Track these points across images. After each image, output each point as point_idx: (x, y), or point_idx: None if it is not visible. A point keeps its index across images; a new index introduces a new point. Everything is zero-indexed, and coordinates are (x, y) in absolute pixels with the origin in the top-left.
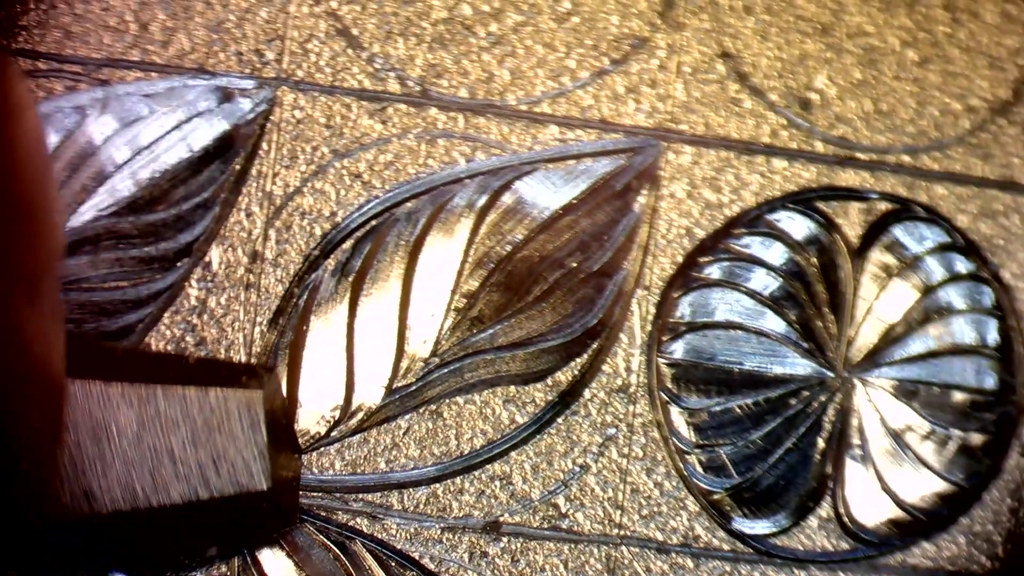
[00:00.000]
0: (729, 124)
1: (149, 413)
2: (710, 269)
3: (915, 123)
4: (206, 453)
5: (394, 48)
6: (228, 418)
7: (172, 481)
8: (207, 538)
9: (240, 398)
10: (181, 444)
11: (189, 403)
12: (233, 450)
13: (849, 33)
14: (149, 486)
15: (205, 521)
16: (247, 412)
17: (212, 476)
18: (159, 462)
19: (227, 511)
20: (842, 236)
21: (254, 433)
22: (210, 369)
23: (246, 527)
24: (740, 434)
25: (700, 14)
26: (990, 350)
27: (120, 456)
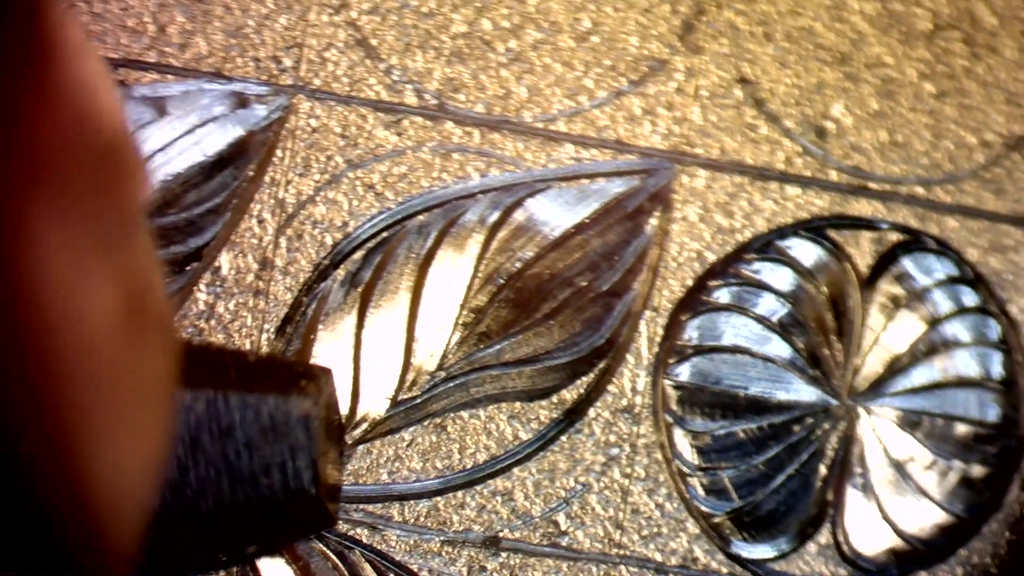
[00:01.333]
0: (744, 149)
1: (207, 417)
2: (719, 293)
3: (929, 155)
4: (259, 459)
5: (412, 60)
6: (284, 425)
7: (222, 485)
8: (250, 538)
9: (297, 406)
10: (235, 450)
11: (247, 409)
12: (287, 457)
13: (867, 63)
14: (198, 490)
15: (251, 523)
16: (303, 420)
17: (263, 481)
18: (211, 466)
19: (273, 514)
20: (852, 265)
21: (308, 441)
22: (269, 370)
23: (290, 528)
24: (743, 458)
25: (720, 38)
26: (994, 383)
27: (174, 460)
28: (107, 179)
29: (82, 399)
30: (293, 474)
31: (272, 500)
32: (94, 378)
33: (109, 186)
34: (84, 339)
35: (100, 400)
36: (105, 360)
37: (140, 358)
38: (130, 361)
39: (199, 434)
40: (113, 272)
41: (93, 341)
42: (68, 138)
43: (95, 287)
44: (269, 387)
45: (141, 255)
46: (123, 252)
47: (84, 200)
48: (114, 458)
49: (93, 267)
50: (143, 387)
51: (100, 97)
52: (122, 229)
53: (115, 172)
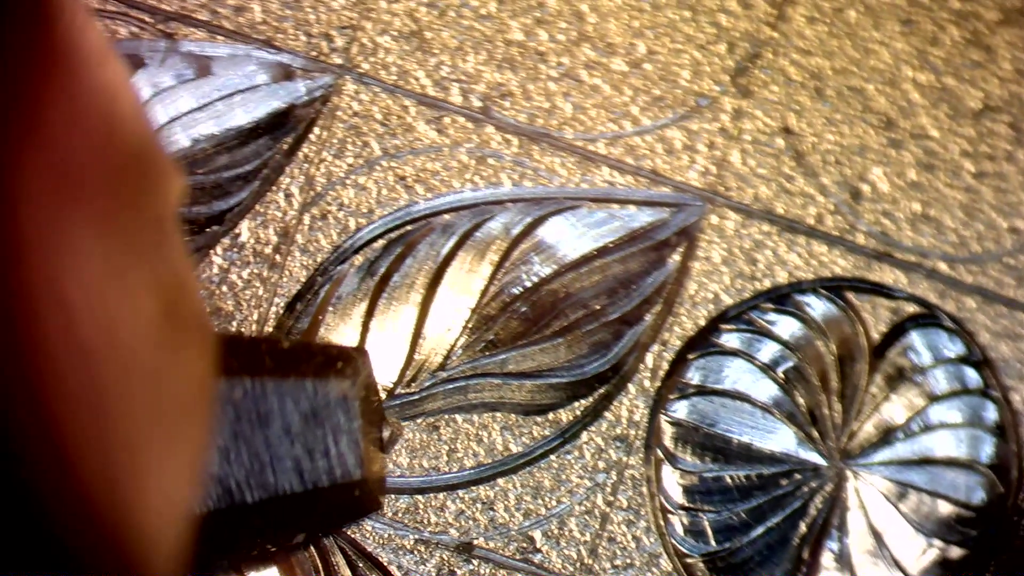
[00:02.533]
0: (777, 199)
1: (245, 406)
2: (729, 337)
3: (959, 233)
4: (301, 445)
5: (463, 60)
6: (324, 409)
7: (267, 474)
8: (296, 526)
9: (335, 388)
10: (277, 437)
11: (285, 396)
12: (329, 441)
13: (912, 133)
14: (244, 482)
15: (297, 511)
16: (343, 402)
17: (307, 468)
18: (253, 456)
19: (319, 500)
20: (865, 330)
21: (349, 422)
22: (304, 354)
23: (336, 514)
24: (726, 504)
25: (771, 85)
26: (983, 467)
27: (216, 451)
28: (136, 185)
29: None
30: (337, 458)
31: (317, 486)
32: (136, 393)
33: (138, 192)
34: (123, 352)
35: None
36: (146, 372)
37: (180, 364)
38: (171, 369)
39: (239, 424)
40: (149, 279)
41: (132, 352)
42: (94, 147)
43: (131, 296)
44: (305, 372)
45: (176, 258)
46: (157, 257)
47: (114, 208)
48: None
49: (128, 276)
50: (185, 395)
51: (123, 102)
52: (155, 234)
53: (144, 177)
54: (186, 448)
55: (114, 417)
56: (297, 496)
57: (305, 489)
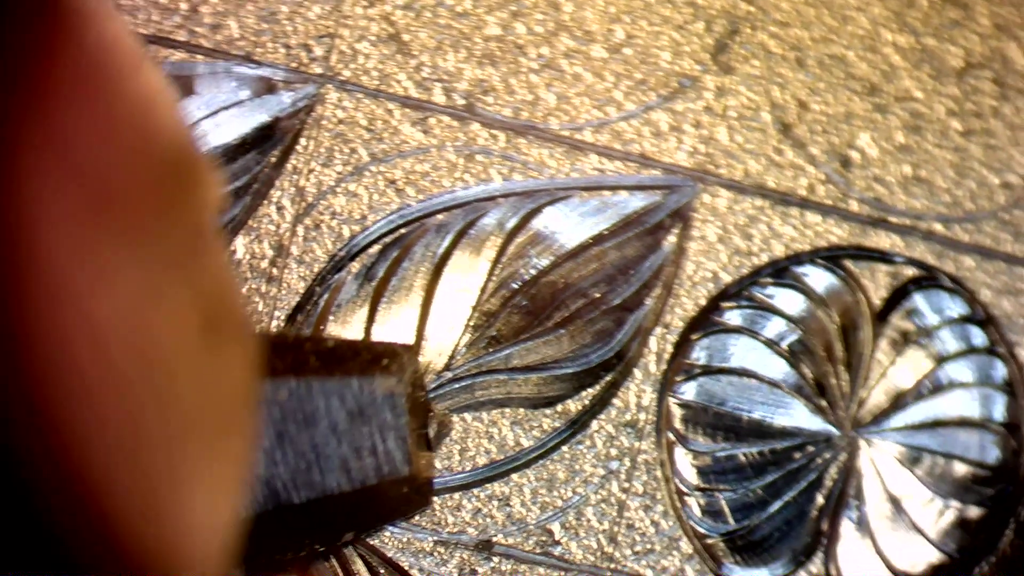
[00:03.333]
0: (768, 173)
1: (291, 406)
2: (731, 315)
3: (951, 193)
4: (348, 444)
5: (443, 59)
6: (370, 407)
7: (314, 474)
8: (345, 525)
9: (382, 385)
10: (323, 436)
11: (331, 394)
12: (376, 439)
13: (897, 96)
14: (290, 483)
15: (344, 510)
16: (389, 399)
17: (354, 466)
18: (299, 456)
19: (367, 499)
20: (866, 297)
21: (396, 419)
22: (349, 352)
23: (384, 511)
24: (741, 482)
25: (752, 60)
26: (996, 426)
27: (262, 453)
28: (173, 194)
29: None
30: (384, 455)
31: (365, 484)
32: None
33: (176, 201)
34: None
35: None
36: (184, 388)
37: (220, 376)
38: (210, 382)
39: (285, 425)
40: (187, 291)
41: (170, 370)
42: (127, 159)
43: (169, 312)
44: (351, 370)
45: (215, 267)
46: (197, 268)
47: (150, 221)
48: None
49: (165, 291)
50: (225, 408)
51: (158, 110)
52: (194, 243)
53: (181, 186)
54: (228, 462)
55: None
56: (344, 495)
57: (352, 488)
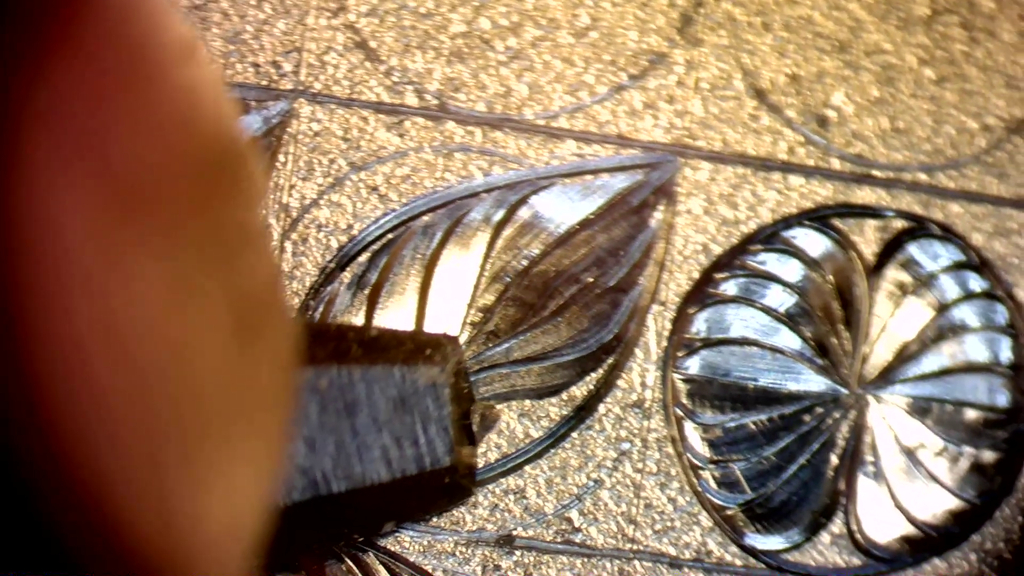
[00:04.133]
0: (746, 141)
1: (332, 395)
2: (726, 285)
3: (931, 141)
4: (389, 433)
5: (412, 61)
6: (412, 396)
7: (354, 464)
8: (386, 515)
9: (424, 375)
10: (365, 425)
11: (373, 383)
12: (418, 429)
13: (867, 51)
14: (331, 472)
15: (385, 500)
16: (432, 389)
17: (395, 456)
18: (340, 446)
19: (408, 489)
20: (858, 253)
21: (439, 409)
22: (392, 342)
23: (426, 502)
24: (754, 450)
25: (718, 30)
26: (1003, 368)
27: (303, 441)
28: (213, 192)
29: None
30: (426, 445)
31: (406, 474)
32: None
33: (216, 199)
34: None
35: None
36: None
37: (251, 379)
38: (240, 384)
39: (325, 413)
40: (222, 291)
41: (196, 369)
42: (166, 154)
43: (200, 311)
44: (393, 359)
45: (255, 267)
46: (234, 267)
47: (186, 218)
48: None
49: (197, 289)
50: (254, 410)
51: (204, 103)
52: (233, 243)
53: (223, 184)
54: (250, 466)
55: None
56: (385, 485)
57: (393, 478)
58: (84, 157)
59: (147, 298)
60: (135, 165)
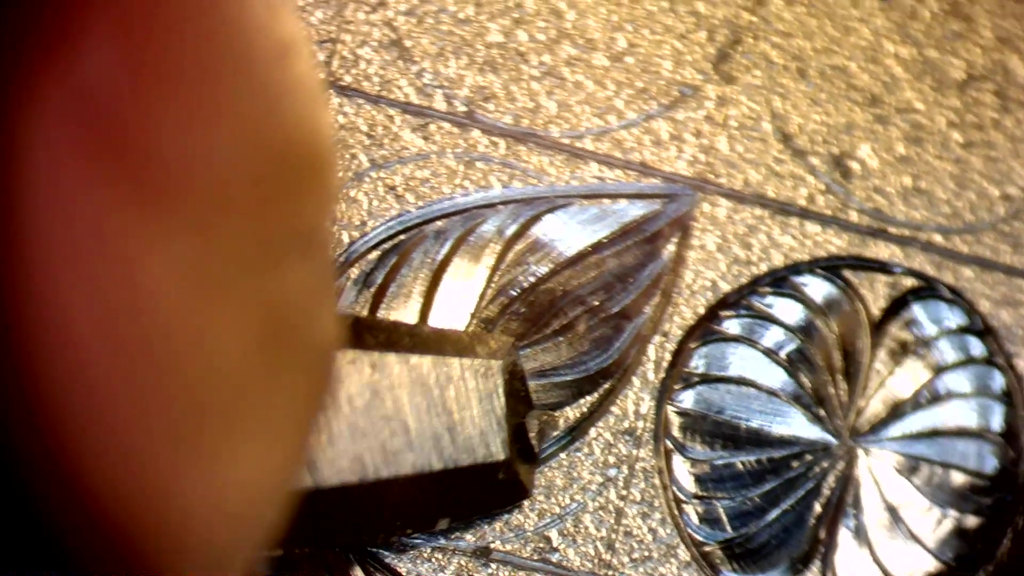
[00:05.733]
0: (768, 183)
1: (381, 382)
2: (730, 323)
3: (951, 204)
4: (441, 423)
5: (445, 66)
6: (465, 387)
7: (404, 452)
8: (438, 509)
9: (477, 367)
10: (415, 414)
11: (425, 372)
12: (469, 420)
13: (898, 107)
14: (379, 457)
15: (437, 492)
16: (484, 381)
17: (447, 446)
18: (391, 432)
19: (461, 482)
20: (864, 307)
21: (492, 402)
22: (446, 339)
23: (480, 498)
24: (739, 490)
25: (753, 70)
26: (994, 435)
27: (349, 426)
28: (278, 196)
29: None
30: (479, 437)
31: (459, 465)
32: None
33: (277, 203)
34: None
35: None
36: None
37: (277, 388)
38: (263, 392)
39: (376, 399)
40: (255, 296)
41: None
42: (230, 151)
43: (225, 310)
44: (447, 350)
45: (304, 276)
46: (278, 272)
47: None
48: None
49: (227, 288)
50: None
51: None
52: (283, 248)
53: (291, 189)
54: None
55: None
56: (436, 475)
57: (445, 467)
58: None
59: (157, 289)
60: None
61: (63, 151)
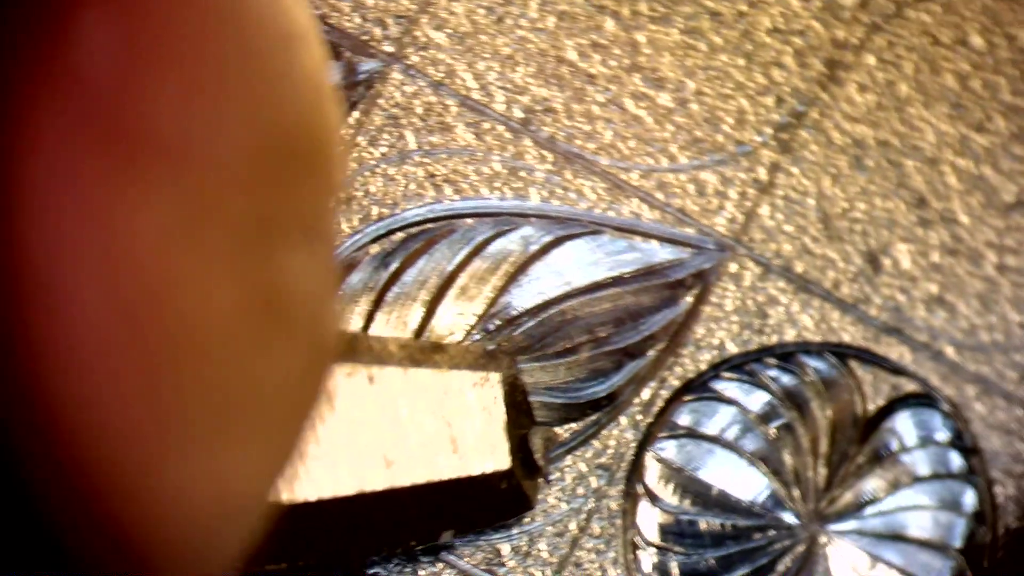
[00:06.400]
0: (799, 258)
1: (380, 394)
2: (728, 385)
3: (970, 321)
4: (441, 434)
5: (512, 70)
6: (464, 398)
7: (404, 463)
8: (442, 521)
9: (476, 378)
10: (415, 425)
11: (424, 384)
12: (470, 431)
13: (943, 215)
14: (379, 469)
15: (439, 504)
16: (483, 392)
17: (448, 457)
18: (391, 444)
19: (463, 493)
20: (863, 400)
21: (492, 413)
22: (444, 352)
23: (484, 510)
24: (697, 548)
25: (811, 145)
26: (954, 551)
27: (348, 438)
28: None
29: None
30: (479, 449)
31: (460, 478)
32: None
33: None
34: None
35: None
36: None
37: (268, 366)
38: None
39: (375, 409)
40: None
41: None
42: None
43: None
44: (447, 363)
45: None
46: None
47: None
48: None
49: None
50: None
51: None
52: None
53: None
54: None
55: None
56: (437, 486)
57: (446, 479)
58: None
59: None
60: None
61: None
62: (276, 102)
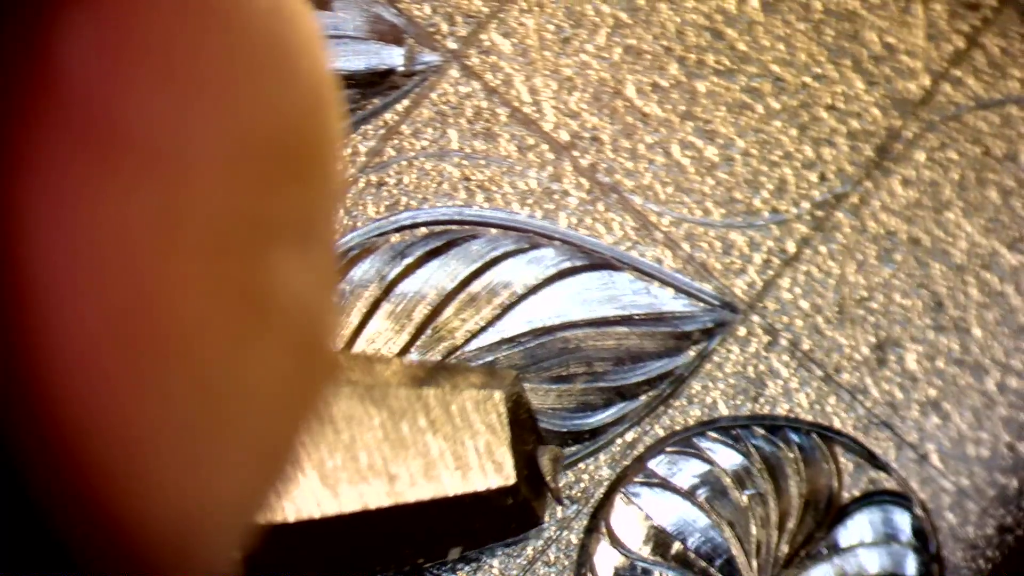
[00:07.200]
0: (808, 336)
1: (383, 412)
2: (711, 445)
3: (962, 433)
4: (446, 451)
5: (568, 93)
6: (467, 416)
7: (409, 481)
8: (448, 538)
9: (479, 397)
10: (419, 443)
11: (427, 402)
12: (473, 448)
13: (958, 324)
14: (384, 486)
15: (446, 520)
16: (487, 409)
17: (452, 474)
18: (395, 462)
19: (470, 509)
20: (840, 488)
21: (495, 430)
22: (446, 372)
23: (491, 525)
24: None
25: (844, 228)
26: None
27: (351, 456)
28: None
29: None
30: (483, 466)
31: (464, 495)
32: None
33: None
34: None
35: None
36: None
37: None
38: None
39: (384, 427)
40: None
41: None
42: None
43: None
44: (447, 380)
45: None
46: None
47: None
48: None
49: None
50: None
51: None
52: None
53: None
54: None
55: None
56: (441, 503)
57: (451, 495)
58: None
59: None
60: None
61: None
62: (266, 106)
